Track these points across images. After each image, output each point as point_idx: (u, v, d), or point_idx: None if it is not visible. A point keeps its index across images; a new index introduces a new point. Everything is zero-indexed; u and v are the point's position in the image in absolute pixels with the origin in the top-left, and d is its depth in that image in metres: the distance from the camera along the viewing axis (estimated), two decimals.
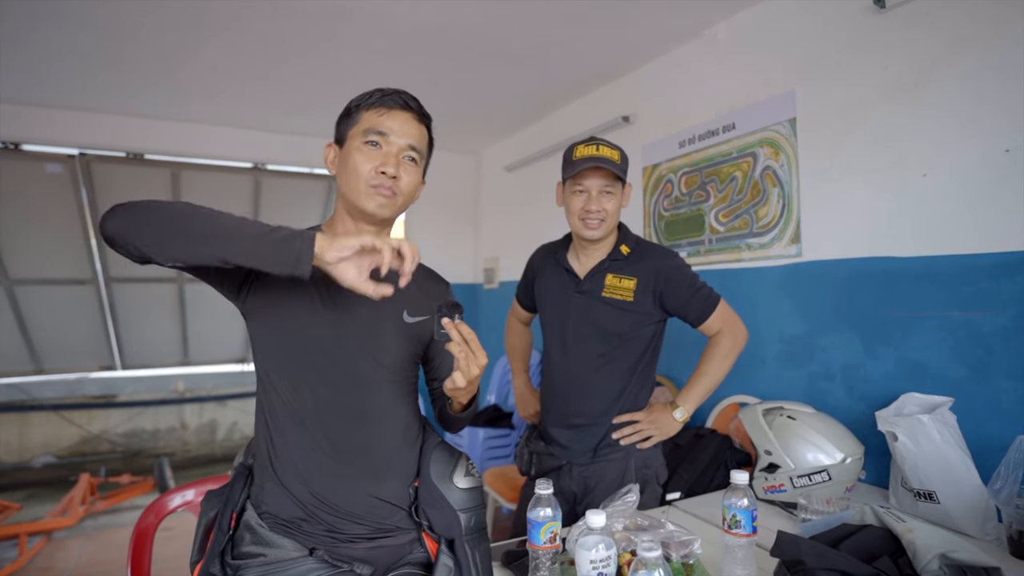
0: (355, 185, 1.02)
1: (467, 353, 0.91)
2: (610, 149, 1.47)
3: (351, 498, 1.00)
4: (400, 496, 1.05)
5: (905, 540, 0.96)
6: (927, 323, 1.60)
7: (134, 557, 1.18)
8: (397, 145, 1.03)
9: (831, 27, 1.87)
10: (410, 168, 1.05)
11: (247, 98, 3.14)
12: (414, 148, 1.05)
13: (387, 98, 1.04)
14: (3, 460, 4.66)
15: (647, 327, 1.52)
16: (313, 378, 1.00)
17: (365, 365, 1.04)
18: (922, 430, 1.31)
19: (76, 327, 4.34)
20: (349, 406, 1.02)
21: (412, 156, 1.05)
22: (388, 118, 1.03)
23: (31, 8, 2.12)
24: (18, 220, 3.70)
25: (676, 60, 2.53)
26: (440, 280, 1.22)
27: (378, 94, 1.05)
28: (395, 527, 1.04)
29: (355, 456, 1.01)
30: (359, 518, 1.00)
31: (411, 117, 1.06)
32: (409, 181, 1.05)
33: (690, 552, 1.01)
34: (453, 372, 0.93)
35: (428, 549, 1.04)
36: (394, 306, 1.07)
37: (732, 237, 2.22)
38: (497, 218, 4.19)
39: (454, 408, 1.07)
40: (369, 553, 1.01)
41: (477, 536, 1.00)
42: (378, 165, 1.01)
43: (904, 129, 1.67)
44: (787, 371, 1.99)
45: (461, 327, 0.92)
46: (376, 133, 1.02)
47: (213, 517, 1.02)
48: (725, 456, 1.83)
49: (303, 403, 1.00)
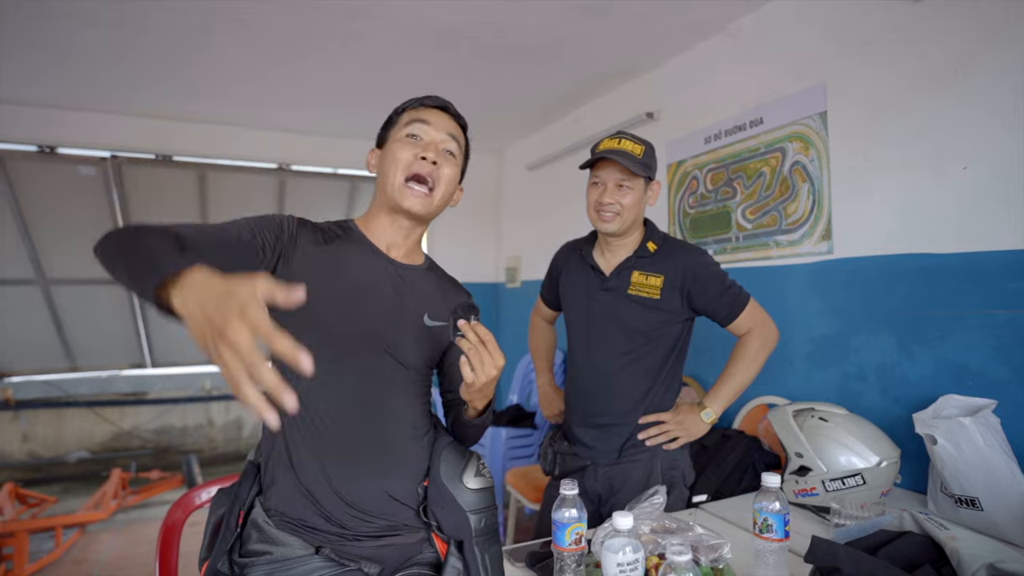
0: (394, 178, 1.05)
1: (482, 353, 0.91)
2: (632, 143, 1.45)
3: (359, 491, 0.99)
4: (409, 493, 1.03)
5: (949, 548, 0.92)
6: (967, 322, 1.54)
7: (162, 551, 1.19)
8: (437, 136, 1.07)
9: (863, 17, 1.81)
10: (449, 161, 1.08)
11: (272, 99, 3.18)
12: (453, 137, 1.09)
13: (427, 99, 1.11)
14: (40, 455, 4.80)
15: (674, 325, 1.49)
16: (328, 372, 1.00)
17: (381, 360, 1.03)
18: (963, 433, 1.26)
19: (108, 326, 4.45)
20: (361, 400, 1.02)
21: (451, 149, 1.09)
22: (427, 113, 1.09)
23: (62, 11, 2.17)
24: (54, 221, 3.81)
25: (701, 55, 2.48)
26: (462, 290, 1.21)
27: (417, 99, 1.12)
28: (403, 525, 1.03)
29: (365, 450, 1.01)
30: (367, 513, 1.00)
31: (448, 117, 1.11)
32: (448, 173, 1.08)
33: (719, 556, 0.98)
34: (462, 368, 0.92)
35: (438, 549, 1.03)
36: (416, 308, 1.08)
37: (760, 234, 2.17)
38: (519, 217, 4.18)
39: (469, 413, 1.06)
40: (377, 552, 1.00)
41: (488, 538, 0.99)
42: (418, 152, 1.05)
43: (943, 121, 1.61)
44: (817, 371, 1.94)
45: (478, 328, 0.92)
46: (416, 122, 1.07)
47: (222, 515, 1.02)
48: (753, 458, 1.79)
49: (316, 396, 1.00)
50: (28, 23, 2.24)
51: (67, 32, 2.32)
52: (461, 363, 0.92)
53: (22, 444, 4.77)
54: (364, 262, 1.06)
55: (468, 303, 0.94)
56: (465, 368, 0.92)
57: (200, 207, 4.02)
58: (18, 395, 4.69)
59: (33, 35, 2.34)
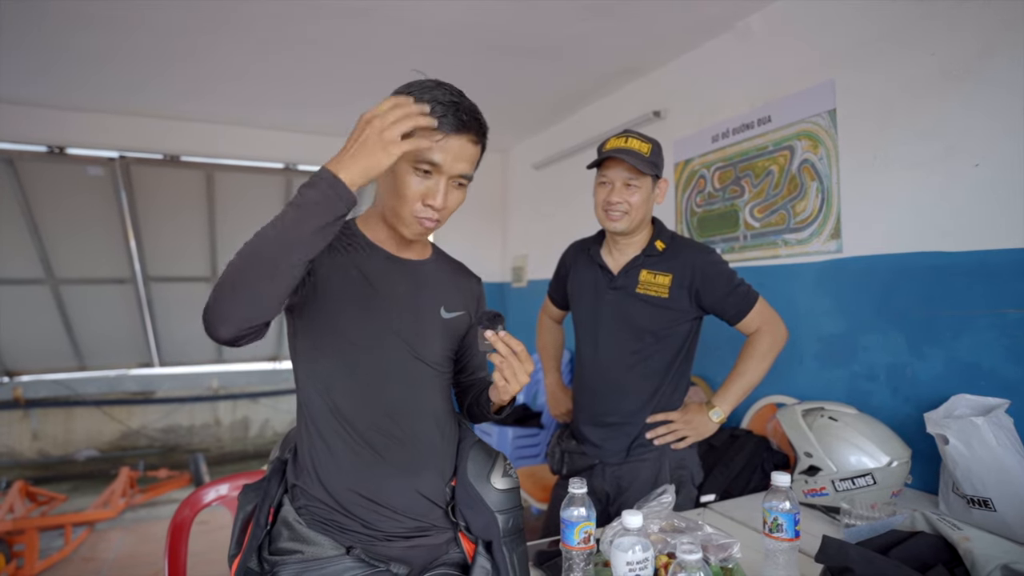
0: (399, 211, 0.98)
1: (514, 364, 0.91)
2: (640, 142, 1.44)
3: (390, 491, 0.99)
4: (437, 492, 1.03)
5: (962, 549, 0.91)
6: (979, 321, 1.52)
7: (171, 549, 1.20)
8: (449, 174, 0.95)
9: (873, 13, 1.80)
10: (457, 192, 1.00)
11: (278, 99, 3.19)
12: (464, 176, 0.98)
13: (445, 120, 0.92)
14: (50, 453, 4.84)
15: (682, 325, 1.48)
16: (353, 375, 1.00)
17: (405, 361, 1.03)
18: (976, 433, 1.25)
19: (116, 325, 4.49)
20: (388, 400, 1.01)
21: (463, 177, 0.98)
22: (443, 146, 0.93)
23: (72, 13, 2.19)
24: (62, 221, 3.84)
25: (708, 53, 2.47)
26: (470, 275, 1.21)
27: (438, 109, 0.92)
28: (431, 525, 1.03)
29: (394, 450, 1.01)
30: (396, 512, 1.00)
31: (468, 141, 0.95)
32: (454, 203, 1.00)
33: (729, 556, 0.98)
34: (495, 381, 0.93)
35: (464, 550, 1.03)
36: (433, 302, 1.08)
37: (768, 233, 2.16)
38: (525, 216, 4.18)
39: (493, 410, 1.06)
40: (406, 553, 1.00)
41: (515, 538, 0.99)
42: (425, 195, 0.96)
43: (954, 118, 1.59)
44: (827, 371, 1.93)
45: (509, 340, 0.91)
46: (428, 163, 0.94)
47: (251, 511, 1.02)
48: (761, 458, 1.78)
49: (342, 397, 1.00)
50: (39, 25, 2.25)
51: (76, 34, 2.34)
52: (495, 375, 0.93)
53: (32, 442, 4.82)
54: (375, 265, 1.04)
55: (492, 313, 0.92)
56: (498, 377, 0.93)
57: (207, 207, 4.04)
58: (28, 394, 4.74)
59: (43, 37, 2.36)
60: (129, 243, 4.05)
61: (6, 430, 4.73)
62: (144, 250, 4.11)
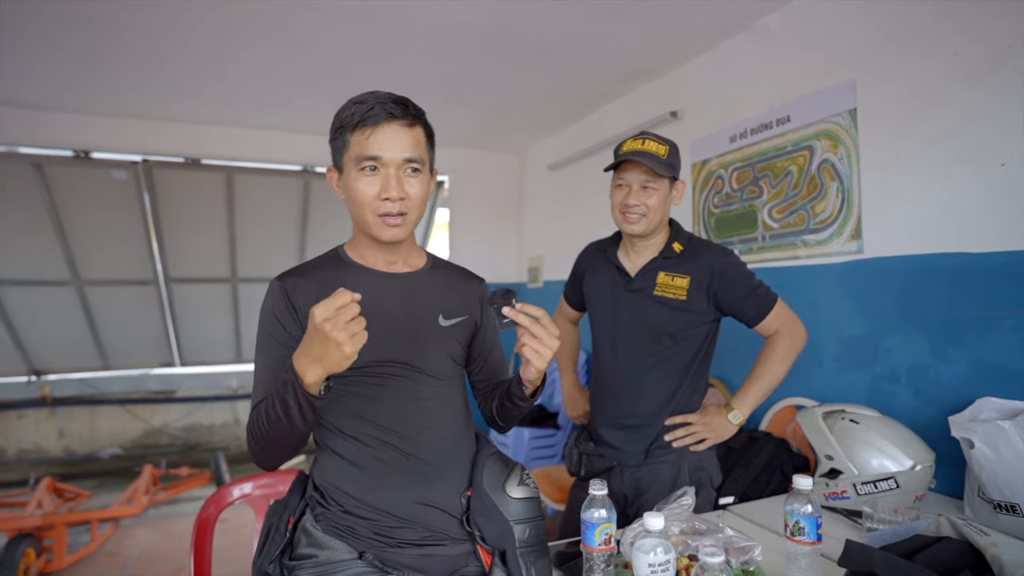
0: (363, 216, 0.99)
1: (539, 331, 0.90)
2: (656, 144, 1.44)
3: (399, 502, 1.00)
4: (451, 503, 1.04)
5: (989, 555, 0.90)
6: (1005, 323, 1.50)
7: (197, 545, 1.22)
8: (394, 164, 0.97)
9: (892, 11, 1.78)
10: (414, 180, 0.99)
11: (296, 103, 3.23)
12: (412, 160, 0.98)
13: (370, 114, 0.95)
14: (76, 451, 4.95)
15: (700, 327, 1.48)
16: (355, 396, 1.02)
17: (407, 376, 1.03)
18: (1003, 437, 1.23)
19: (139, 325, 4.57)
20: (392, 418, 1.02)
21: (413, 167, 0.99)
22: (376, 138, 0.95)
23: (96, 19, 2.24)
24: (88, 224, 3.92)
25: (726, 53, 2.46)
26: (472, 277, 1.19)
27: (359, 111, 0.96)
28: (446, 535, 1.03)
29: (401, 463, 1.02)
30: (406, 522, 1.00)
31: (400, 126, 0.97)
32: (417, 192, 1.00)
33: (750, 559, 0.97)
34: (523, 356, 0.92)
35: (483, 562, 1.02)
36: (429, 312, 1.07)
37: (787, 234, 2.14)
38: (541, 217, 4.18)
39: (528, 392, 1.03)
40: (420, 562, 1.00)
41: (535, 550, 0.96)
42: (379, 192, 0.97)
43: (978, 117, 1.57)
44: (847, 373, 1.90)
45: (527, 308, 0.91)
46: (368, 159, 0.96)
47: (272, 523, 1.06)
48: (781, 460, 1.76)
49: (346, 420, 1.02)
50: (64, 32, 2.31)
51: (100, 40, 2.39)
52: (524, 351, 0.92)
53: (59, 440, 4.92)
54: (364, 287, 0.97)
55: (503, 289, 0.91)
56: (527, 351, 0.91)
57: (227, 208, 4.10)
58: (55, 392, 4.84)
59: (69, 43, 2.41)
60: (152, 245, 4.13)
61: (34, 428, 4.84)
62: (166, 252, 4.18)
